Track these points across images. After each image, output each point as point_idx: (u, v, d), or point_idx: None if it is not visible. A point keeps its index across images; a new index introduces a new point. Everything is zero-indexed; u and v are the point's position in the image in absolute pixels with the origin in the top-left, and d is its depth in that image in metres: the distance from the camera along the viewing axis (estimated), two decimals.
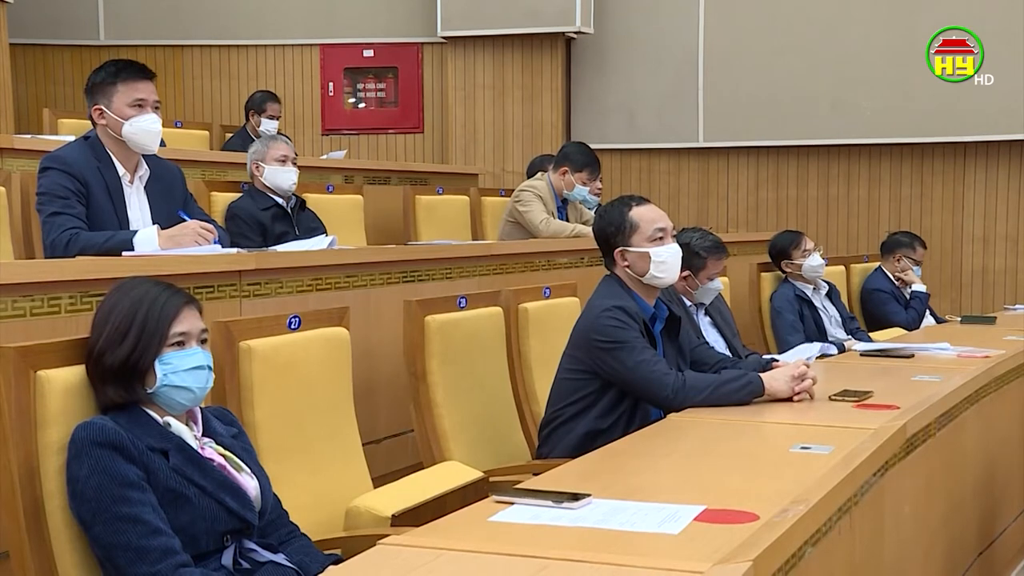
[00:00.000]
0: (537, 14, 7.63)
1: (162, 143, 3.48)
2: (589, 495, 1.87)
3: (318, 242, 3.77)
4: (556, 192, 5.29)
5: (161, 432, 2.04)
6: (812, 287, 5.33)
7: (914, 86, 7.37)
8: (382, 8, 8.19)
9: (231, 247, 3.39)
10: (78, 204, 3.22)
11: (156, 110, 3.33)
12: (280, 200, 4.49)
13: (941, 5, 7.35)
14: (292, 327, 2.61)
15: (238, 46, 8.25)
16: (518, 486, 2.01)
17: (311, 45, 8.24)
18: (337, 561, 2.12)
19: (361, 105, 8.38)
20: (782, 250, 5.33)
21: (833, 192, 7.78)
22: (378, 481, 2.78)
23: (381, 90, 8.35)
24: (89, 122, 3.38)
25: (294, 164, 4.55)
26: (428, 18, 7.94)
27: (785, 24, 7.64)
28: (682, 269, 3.27)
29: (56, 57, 8.21)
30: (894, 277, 6.04)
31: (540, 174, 5.46)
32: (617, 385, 2.96)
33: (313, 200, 4.78)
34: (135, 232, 3.18)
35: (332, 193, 5.21)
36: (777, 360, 3.46)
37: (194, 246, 3.16)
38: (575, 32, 7.78)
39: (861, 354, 3.89)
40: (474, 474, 2.72)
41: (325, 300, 3.33)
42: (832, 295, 5.45)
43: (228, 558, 2.04)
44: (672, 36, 7.82)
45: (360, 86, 8.35)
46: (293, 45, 8.24)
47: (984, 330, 4.79)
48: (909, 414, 2.64)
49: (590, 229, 3.57)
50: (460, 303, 3.21)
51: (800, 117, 7.62)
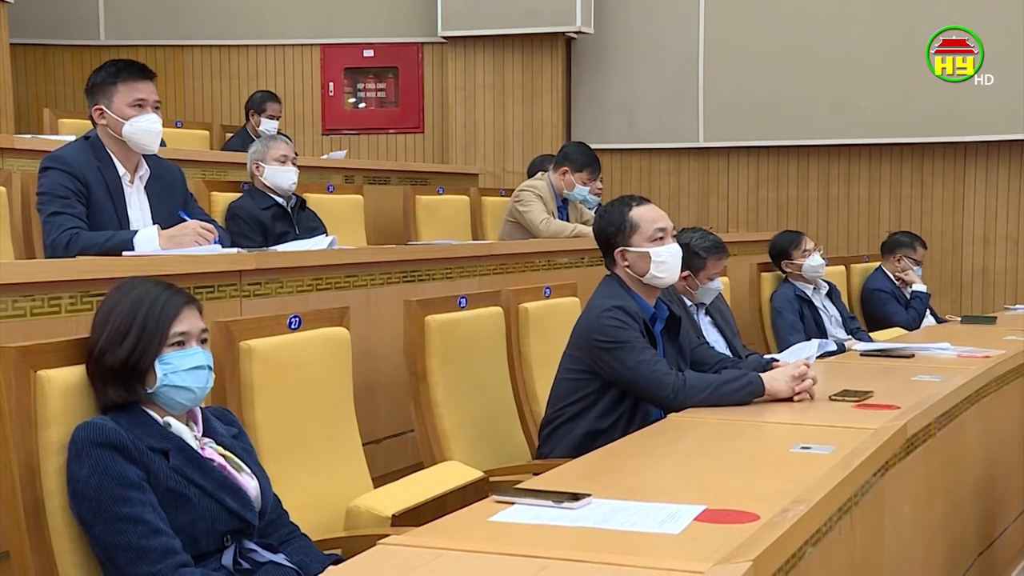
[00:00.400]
0: (537, 14, 7.63)
1: (162, 143, 3.48)
2: (589, 495, 1.86)
3: (318, 242, 3.77)
4: (556, 192, 5.29)
5: (161, 432, 2.04)
6: (812, 287, 5.33)
7: (914, 86, 7.37)
8: (382, 8, 8.19)
9: (231, 247, 3.39)
10: (78, 204, 3.22)
11: (156, 110, 3.33)
12: (280, 200, 4.49)
13: (941, 5, 7.35)
14: (292, 327, 2.61)
15: (238, 46, 8.25)
16: (518, 486, 2.01)
17: (311, 45, 8.24)
18: (337, 561, 2.12)
19: (361, 105, 8.38)
20: (782, 250, 5.33)
21: (833, 192, 7.78)
22: (378, 481, 2.78)
23: (381, 90, 8.35)
24: (89, 122, 3.38)
25: (294, 164, 4.55)
26: (428, 18, 7.94)
27: (785, 24, 7.63)
28: (682, 269, 3.27)
29: (56, 57, 8.21)
30: (894, 277, 6.04)
31: (540, 174, 5.46)
32: (617, 385, 2.96)
33: (313, 200, 4.78)
34: (135, 232, 3.19)
35: (332, 193, 5.21)
36: (777, 360, 3.46)
37: (194, 246, 3.16)
38: (575, 32, 7.78)
39: (861, 354, 3.88)
40: (474, 474, 2.72)
41: (325, 300, 3.33)
42: (832, 295, 5.45)
43: (228, 558, 2.04)
44: (672, 36, 7.81)
45: (360, 86, 8.35)
46: (293, 45, 8.24)
47: (984, 330, 4.79)
48: (909, 414, 2.64)
49: (590, 229, 3.57)
50: (460, 303, 3.21)
51: (800, 117, 7.61)
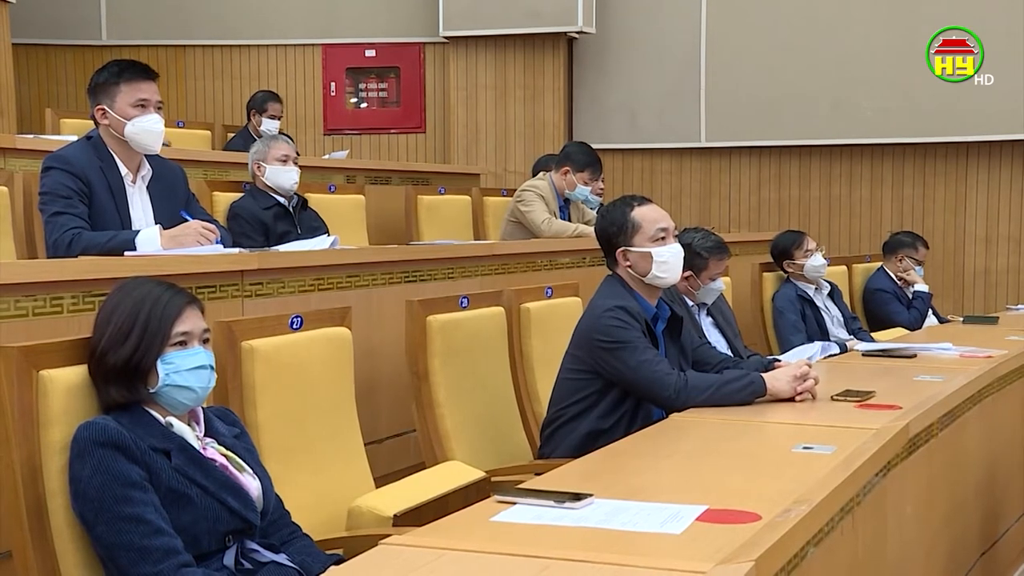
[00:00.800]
0: (539, 14, 7.63)
1: (165, 143, 3.48)
2: (591, 495, 1.86)
3: (320, 242, 3.77)
4: (558, 192, 5.29)
5: (163, 432, 2.04)
6: (814, 287, 5.33)
7: (916, 86, 7.36)
8: (384, 8, 8.19)
9: (233, 247, 3.39)
10: (80, 204, 3.22)
11: (159, 110, 3.33)
12: (282, 200, 4.49)
13: (941, 5, 7.35)
14: (294, 327, 2.61)
15: (240, 46, 8.26)
16: (520, 486, 2.00)
17: (313, 45, 8.24)
18: (339, 561, 2.12)
19: (363, 105, 8.38)
20: (784, 250, 5.33)
21: (835, 192, 7.78)
22: (380, 481, 2.78)
23: (383, 90, 8.35)
24: (91, 122, 3.38)
25: (296, 164, 4.55)
26: (430, 18, 7.94)
27: (787, 24, 7.63)
28: (684, 269, 3.27)
29: (58, 57, 8.22)
30: (896, 277, 6.03)
31: (542, 174, 5.46)
32: (619, 385, 2.95)
33: (315, 200, 4.78)
34: (137, 232, 3.19)
35: (334, 193, 5.21)
36: (779, 360, 3.46)
37: (196, 246, 3.17)
38: (577, 32, 7.78)
39: (863, 354, 3.88)
40: (476, 474, 2.72)
41: (327, 300, 3.33)
42: (834, 295, 5.45)
43: (230, 558, 2.04)
44: (674, 36, 7.81)
45: (362, 86, 8.35)
46: (295, 45, 8.25)
47: (986, 330, 4.78)
48: (911, 414, 2.63)
49: (592, 229, 3.57)
50: (462, 303, 3.21)
51: (802, 117, 7.61)
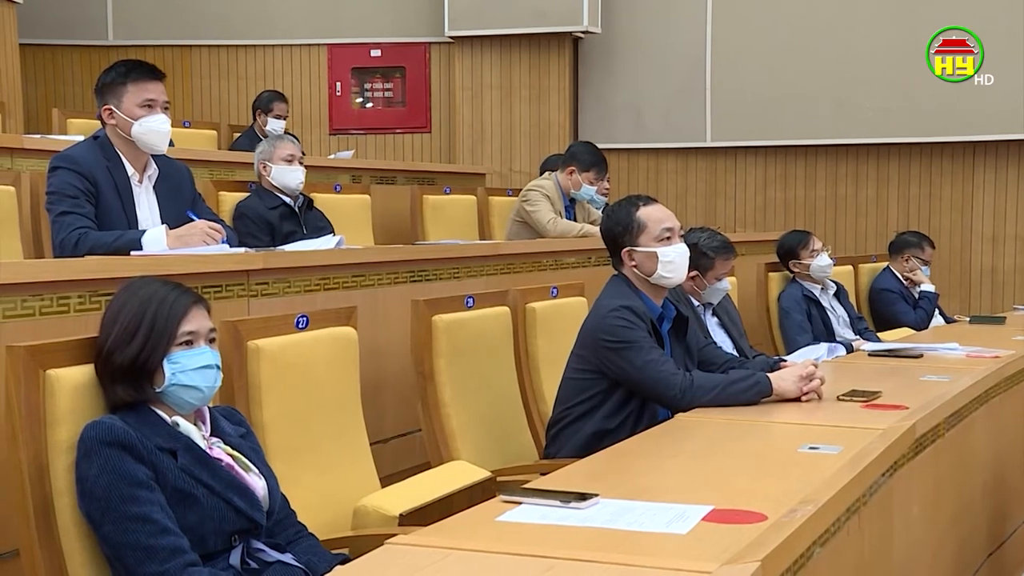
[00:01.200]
0: (544, 14, 7.63)
1: (171, 143, 3.49)
2: (597, 495, 1.86)
3: (326, 242, 3.77)
4: (563, 192, 5.29)
5: (169, 432, 2.04)
6: (820, 287, 5.32)
7: (920, 86, 7.35)
8: (389, 8, 8.20)
9: (239, 247, 3.40)
10: (87, 203, 3.23)
11: (165, 110, 3.34)
12: (288, 199, 4.50)
13: (941, 5, 7.33)
14: (300, 327, 2.61)
15: (246, 46, 8.27)
16: (526, 486, 2.00)
17: (318, 45, 8.25)
18: (345, 561, 2.12)
19: (368, 105, 8.39)
20: (790, 250, 5.32)
21: (841, 192, 7.77)
22: (385, 481, 2.78)
23: (388, 90, 8.36)
24: (98, 122, 3.39)
25: (301, 163, 4.56)
26: (435, 18, 7.94)
27: (792, 24, 7.62)
28: (690, 269, 3.26)
29: (65, 57, 8.23)
30: (903, 277, 6.02)
31: (548, 173, 5.46)
32: (625, 385, 2.95)
33: (321, 200, 4.78)
34: (144, 232, 3.19)
35: (340, 193, 5.21)
36: (785, 360, 3.45)
37: (202, 246, 3.17)
38: (582, 32, 7.77)
39: (869, 354, 3.87)
40: (481, 474, 2.72)
41: (333, 300, 3.33)
42: (840, 295, 5.44)
43: (236, 558, 2.04)
44: (679, 36, 7.80)
45: (367, 86, 8.36)
46: (300, 45, 8.25)
47: (993, 330, 4.77)
48: (918, 414, 2.62)
49: (597, 229, 3.56)
50: (467, 303, 3.21)
51: (808, 117, 7.60)
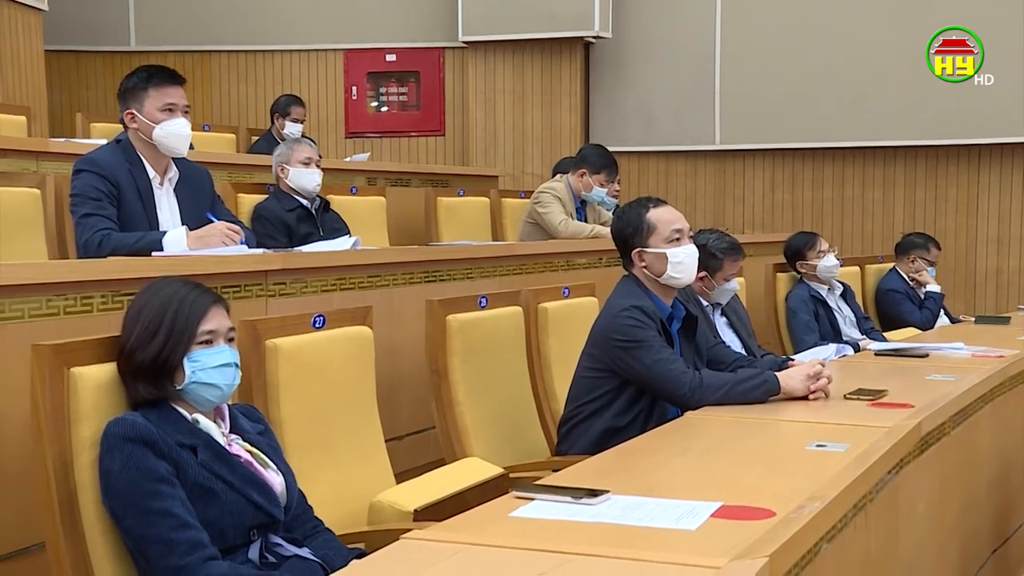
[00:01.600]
0: (556, 19, 7.63)
1: (191, 146, 3.50)
2: (608, 491, 1.86)
3: (342, 243, 3.78)
4: (575, 193, 5.28)
5: (190, 428, 2.05)
6: (827, 287, 5.30)
7: (924, 88, 7.32)
8: (404, 14, 8.21)
9: (257, 247, 3.40)
10: (110, 205, 3.24)
11: (186, 114, 3.35)
12: (305, 201, 4.51)
13: (941, 5, 7.30)
14: (317, 326, 2.62)
15: (264, 51, 8.29)
16: (538, 482, 2.00)
17: (335, 50, 8.27)
18: (361, 555, 2.12)
19: (384, 109, 8.40)
20: (797, 251, 5.30)
21: (848, 194, 7.74)
22: (400, 477, 2.79)
23: (403, 94, 8.37)
24: (120, 125, 3.40)
25: (318, 166, 4.57)
26: (449, 23, 7.95)
27: (799, 29, 7.60)
28: (699, 270, 3.25)
29: (89, 63, 8.27)
30: (908, 278, 6.00)
31: (559, 176, 5.46)
32: (635, 383, 2.95)
33: (337, 201, 4.79)
34: (164, 233, 3.20)
35: (356, 195, 5.22)
36: (793, 360, 3.44)
37: (222, 246, 3.18)
38: (593, 37, 7.77)
39: (876, 353, 3.86)
40: (494, 470, 2.72)
41: (349, 299, 3.34)
42: (847, 295, 5.42)
43: (254, 552, 2.04)
44: (689, 40, 7.79)
45: (383, 90, 8.37)
46: (317, 50, 8.27)
47: (998, 330, 4.74)
48: (924, 412, 2.61)
49: (608, 230, 3.56)
50: (481, 302, 3.21)
51: (815, 120, 7.58)
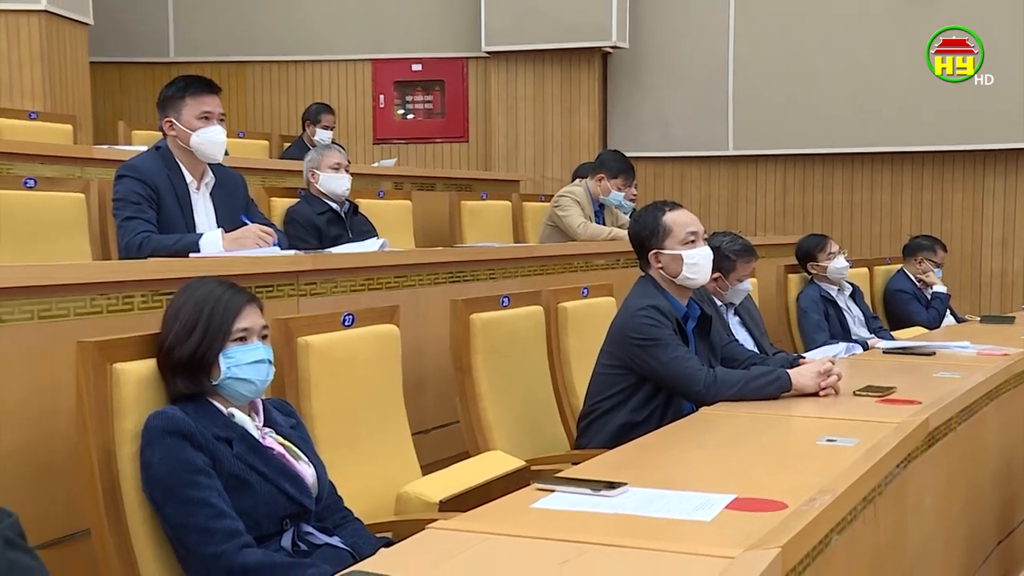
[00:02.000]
0: (575, 30, 7.63)
1: (226, 152, 3.52)
2: (626, 484, 1.86)
3: (370, 244, 3.79)
4: (593, 197, 5.28)
5: (226, 422, 2.06)
6: (837, 288, 5.27)
7: (926, 91, 7.26)
8: (429, 25, 8.23)
9: (289, 249, 3.42)
10: (149, 209, 3.27)
11: (221, 122, 3.37)
12: (334, 205, 4.52)
13: (941, 5, 7.23)
14: (346, 324, 2.63)
15: (296, 62, 8.34)
16: (558, 475, 2.00)
17: (363, 60, 8.30)
18: (388, 544, 2.12)
19: (410, 116, 8.42)
20: (808, 253, 5.28)
21: (857, 198, 7.69)
22: (426, 469, 2.79)
23: (428, 102, 8.39)
24: (160, 133, 3.43)
25: (347, 171, 4.58)
26: (473, 34, 7.97)
27: (809, 40, 7.57)
28: (713, 271, 3.24)
29: (130, 74, 8.34)
30: (916, 279, 5.96)
31: (578, 180, 5.45)
32: (652, 380, 2.94)
33: (365, 205, 4.80)
34: (201, 235, 3.23)
35: (383, 199, 5.23)
36: (804, 358, 3.43)
37: (255, 248, 3.20)
38: (611, 47, 7.76)
39: (884, 352, 3.83)
40: (516, 463, 2.72)
41: (377, 299, 3.35)
42: (856, 296, 5.39)
43: (287, 540, 2.05)
44: (703, 51, 7.77)
45: (409, 98, 8.40)
46: (347, 60, 8.31)
47: (1003, 329, 4.71)
48: (931, 409, 2.60)
49: (625, 232, 3.55)
50: (503, 302, 3.21)
51: (825, 126, 7.54)
